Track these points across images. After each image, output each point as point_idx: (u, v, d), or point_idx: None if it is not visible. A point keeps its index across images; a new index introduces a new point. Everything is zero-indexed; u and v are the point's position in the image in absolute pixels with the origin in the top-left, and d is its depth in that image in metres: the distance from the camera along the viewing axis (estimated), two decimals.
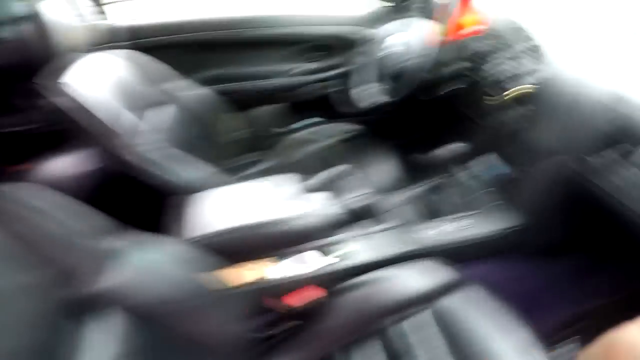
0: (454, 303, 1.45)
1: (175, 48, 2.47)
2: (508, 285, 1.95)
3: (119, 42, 2.30)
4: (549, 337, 2.17)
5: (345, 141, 2.53)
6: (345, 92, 2.76)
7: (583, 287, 2.19)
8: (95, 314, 0.96)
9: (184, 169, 1.74)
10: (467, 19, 1.99)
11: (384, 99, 2.11)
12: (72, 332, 0.90)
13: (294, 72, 2.77)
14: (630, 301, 2.17)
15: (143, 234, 1.19)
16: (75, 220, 1.02)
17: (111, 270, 1.03)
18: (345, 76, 2.79)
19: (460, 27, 2.00)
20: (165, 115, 1.93)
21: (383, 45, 2.19)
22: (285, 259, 1.61)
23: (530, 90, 1.65)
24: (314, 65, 2.81)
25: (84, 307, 0.95)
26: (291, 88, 2.75)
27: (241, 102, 2.69)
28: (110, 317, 0.97)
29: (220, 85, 2.60)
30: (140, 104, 1.81)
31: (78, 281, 0.95)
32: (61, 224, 0.98)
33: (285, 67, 2.76)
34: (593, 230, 1.95)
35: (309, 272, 1.59)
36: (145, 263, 1.10)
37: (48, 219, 0.97)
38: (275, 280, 1.56)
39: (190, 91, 2.14)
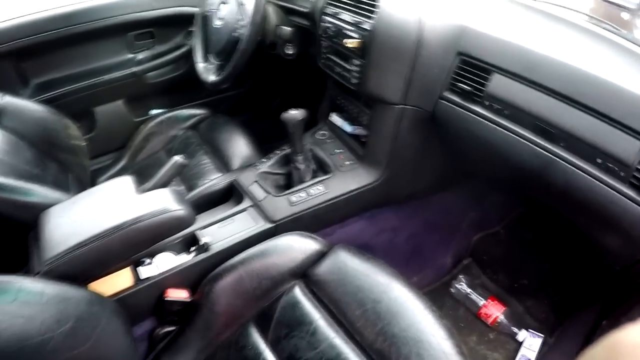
0: (325, 270, 1.42)
1: None
2: (383, 239, 1.94)
3: None
4: (441, 277, 2.20)
5: (193, 127, 2.46)
6: (187, 74, 2.69)
7: (460, 223, 2.22)
8: None
9: (34, 186, 1.63)
10: None
11: (222, 74, 2.02)
12: None
13: (134, 61, 2.65)
14: (510, 229, 2.22)
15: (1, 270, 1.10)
16: None
17: None
18: (184, 58, 2.72)
19: None
20: None
21: (214, 19, 2.12)
22: (143, 262, 1.54)
23: (365, 40, 1.63)
24: (151, 52, 2.70)
25: None
26: (130, 79, 2.62)
27: (79, 104, 2.56)
28: None
29: (53, 92, 2.46)
30: None
31: None
32: None
33: (121, 57, 2.63)
34: (458, 169, 1.97)
35: (168, 273, 1.53)
36: None
37: None
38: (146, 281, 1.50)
39: (20, 105, 1.99)
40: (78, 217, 1.46)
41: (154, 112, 2.74)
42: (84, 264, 1.36)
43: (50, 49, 2.41)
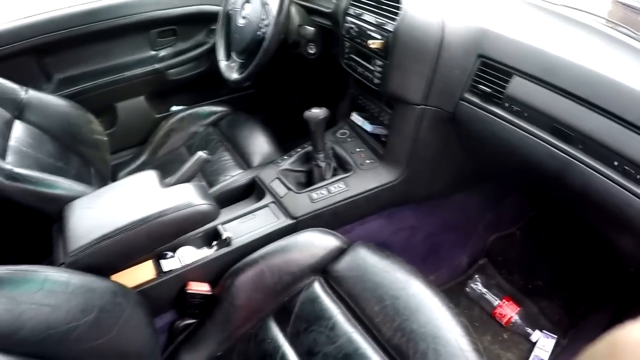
0: (344, 267, 1.44)
1: (18, 56, 2.30)
2: (401, 237, 1.96)
3: None
4: (456, 277, 2.21)
5: (214, 124, 2.48)
6: (209, 71, 2.71)
7: (477, 224, 2.23)
8: None
9: (58, 179, 1.65)
10: None
11: (245, 73, 2.04)
12: None
13: (156, 58, 2.68)
14: (526, 231, 2.23)
15: (26, 260, 1.13)
16: None
17: None
18: (206, 56, 2.75)
19: None
20: (22, 131, 1.82)
21: (238, 18, 2.14)
22: (166, 255, 1.58)
23: (388, 41, 1.64)
24: (173, 49, 2.73)
25: None
26: (152, 76, 2.65)
27: (101, 99, 2.59)
28: None
29: (75, 87, 2.49)
30: None
31: None
32: None
33: (143, 54, 2.66)
34: (476, 170, 1.98)
35: (190, 267, 1.56)
36: (22, 295, 1.02)
37: None
38: (168, 274, 1.53)
39: (44, 99, 2.02)
40: (103, 210, 1.49)
41: (175, 108, 2.77)
42: (109, 256, 1.39)
43: (74, 45, 2.44)
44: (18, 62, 2.31)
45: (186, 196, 1.47)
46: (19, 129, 1.82)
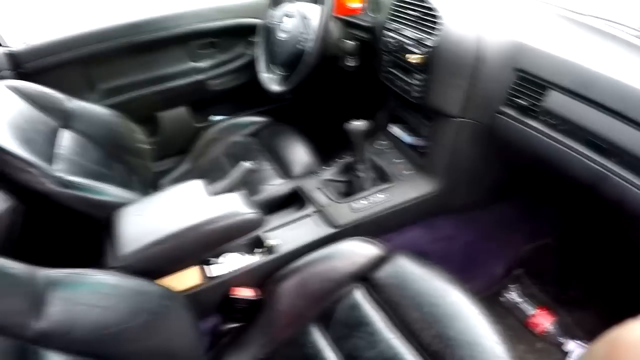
0: (385, 275, 1.47)
1: (64, 67, 2.37)
2: (438, 246, 1.98)
3: (2, 71, 2.19)
4: (492, 286, 2.22)
5: (254, 134, 2.52)
6: (249, 83, 2.76)
7: (513, 234, 2.24)
8: (35, 357, 0.95)
9: (106, 186, 1.71)
10: None
11: (285, 84, 2.09)
12: None
13: (196, 69, 2.73)
14: (561, 241, 2.23)
15: (75, 264, 1.17)
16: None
17: (45, 309, 1.01)
18: (245, 67, 2.78)
19: (341, 3, 2.01)
20: (68, 139, 1.88)
21: (278, 31, 2.19)
22: (211, 261, 1.61)
23: (428, 56, 1.67)
24: (213, 61, 2.78)
25: (24, 354, 0.93)
26: (193, 87, 2.71)
27: (144, 109, 2.65)
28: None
29: (118, 98, 2.56)
30: (41, 133, 1.76)
31: (10, 329, 0.94)
32: None
33: (184, 66, 2.71)
34: (513, 181, 2.00)
35: (236, 273, 1.60)
36: (76, 296, 1.08)
37: None
38: (214, 279, 1.57)
39: (89, 108, 2.08)
40: (153, 217, 1.54)
41: (215, 118, 2.83)
42: (159, 261, 1.45)
43: (117, 56, 2.50)
44: (64, 73, 2.37)
45: (234, 205, 1.52)
46: (65, 137, 1.87)
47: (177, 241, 1.45)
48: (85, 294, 1.10)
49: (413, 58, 1.70)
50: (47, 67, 2.32)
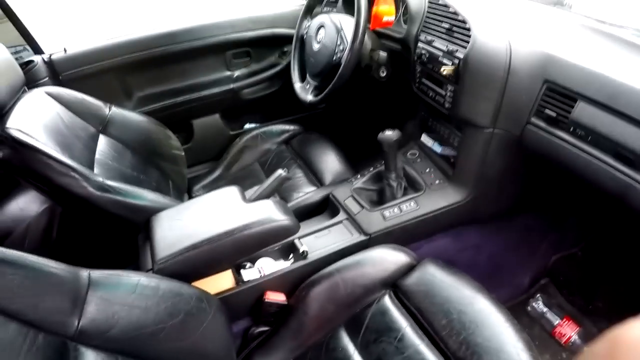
0: (414, 282, 1.49)
1: (102, 74, 2.44)
2: (466, 255, 2.00)
3: (41, 78, 2.27)
4: (518, 296, 2.23)
5: (286, 142, 2.57)
6: (281, 91, 2.81)
7: (540, 244, 2.24)
8: (75, 354, 0.99)
9: (143, 191, 1.75)
10: (383, 9, 2.02)
11: (320, 95, 2.12)
12: None
13: (230, 78, 2.79)
14: (588, 252, 2.24)
15: (109, 265, 1.21)
16: (38, 267, 1.04)
17: (86, 308, 1.06)
18: (279, 76, 2.84)
19: (378, 16, 2.04)
20: (106, 145, 1.93)
21: (313, 42, 2.22)
22: (245, 266, 1.65)
23: (458, 67, 1.69)
24: (247, 70, 2.82)
25: (64, 350, 0.97)
26: (227, 95, 2.77)
27: (179, 116, 2.71)
28: (89, 357, 1.00)
29: (154, 105, 2.63)
30: (81, 139, 1.80)
31: (53, 325, 0.98)
32: (24, 275, 0.99)
33: (219, 74, 2.77)
34: (540, 191, 2.01)
35: (268, 277, 1.63)
36: (115, 296, 1.12)
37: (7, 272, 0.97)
38: (247, 284, 1.60)
39: (126, 115, 2.13)
40: (190, 222, 1.58)
41: (248, 126, 2.88)
42: (195, 264, 1.48)
43: (153, 65, 2.56)
44: (101, 80, 2.44)
45: (269, 211, 1.55)
46: (103, 143, 1.93)
47: (213, 246, 1.48)
48: (124, 294, 1.14)
49: (445, 70, 1.72)
50: (85, 74, 2.38)
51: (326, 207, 2.04)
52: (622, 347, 0.38)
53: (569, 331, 2.07)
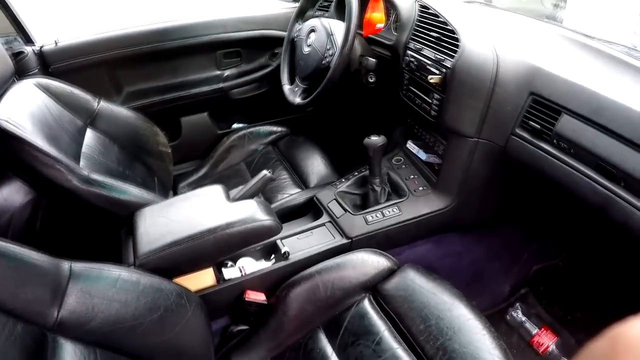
0: (393, 286, 1.51)
1: (92, 68, 2.44)
2: (447, 262, 2.02)
3: (31, 69, 2.27)
4: (498, 304, 2.25)
5: (273, 143, 2.58)
6: (270, 93, 2.82)
7: (521, 253, 2.26)
8: (54, 345, 0.99)
9: (128, 186, 1.76)
10: (375, 16, 2.04)
11: (308, 98, 2.13)
12: None
13: (220, 77, 2.79)
14: (568, 263, 2.25)
15: (91, 258, 1.21)
16: (20, 257, 1.04)
17: (66, 299, 1.06)
18: (268, 78, 2.85)
19: (370, 23, 2.05)
20: (93, 138, 1.93)
21: (304, 45, 2.23)
22: (226, 264, 1.66)
23: (446, 76, 1.70)
24: (237, 70, 2.83)
25: (43, 340, 0.98)
26: (216, 94, 2.77)
27: (167, 113, 2.71)
28: (67, 348, 1.01)
29: (143, 101, 2.63)
30: (68, 132, 1.80)
31: (32, 315, 0.98)
32: (5, 264, 0.99)
33: (209, 73, 2.77)
34: (522, 201, 2.02)
35: (249, 277, 1.64)
36: (96, 289, 1.13)
37: None
38: (227, 282, 1.62)
39: (114, 110, 2.13)
40: (173, 218, 1.58)
41: (236, 126, 2.88)
42: (176, 261, 1.48)
43: (144, 60, 2.57)
44: (92, 74, 2.44)
45: (252, 211, 1.56)
46: (90, 137, 1.92)
47: (195, 243, 1.48)
48: (105, 287, 1.15)
49: (432, 78, 1.73)
50: (75, 67, 2.38)
51: (310, 210, 2.05)
52: (622, 345, 0.37)
53: (546, 341, 2.09)
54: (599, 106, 1.35)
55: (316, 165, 2.31)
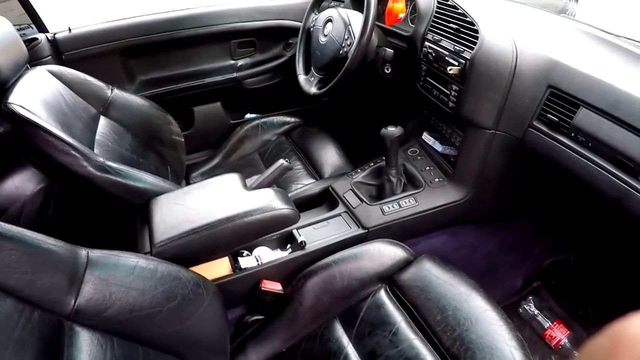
0: (410, 277, 1.50)
1: (105, 56, 2.45)
2: (461, 254, 2.01)
3: (44, 56, 2.27)
4: (510, 297, 2.24)
5: (286, 133, 2.58)
6: (284, 83, 2.82)
7: (534, 247, 2.25)
8: (70, 333, 0.99)
9: (143, 174, 1.76)
10: (397, 6, 2.03)
11: (324, 88, 2.12)
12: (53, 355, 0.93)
13: (234, 67, 2.79)
14: (580, 257, 2.25)
15: (105, 246, 1.21)
16: (37, 244, 1.04)
17: (83, 287, 1.06)
18: (282, 68, 2.84)
19: (392, 13, 2.04)
20: (106, 126, 1.93)
21: (320, 35, 2.22)
22: (242, 254, 1.66)
23: (465, 67, 1.70)
24: (251, 59, 2.83)
25: (60, 328, 0.98)
26: (230, 84, 2.77)
27: (180, 102, 2.71)
28: (84, 336, 1.01)
29: (156, 89, 2.63)
30: (82, 119, 1.80)
31: (49, 303, 0.98)
32: (23, 251, 0.99)
33: (222, 63, 2.77)
34: (537, 194, 2.02)
35: (266, 266, 1.64)
36: (113, 277, 1.13)
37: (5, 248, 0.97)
38: (243, 271, 1.61)
39: (128, 98, 2.13)
40: (190, 206, 1.59)
41: (249, 116, 2.89)
42: (194, 249, 1.49)
43: (158, 49, 2.57)
44: (105, 62, 2.45)
45: (270, 199, 1.56)
46: (103, 124, 1.93)
47: (212, 231, 1.49)
48: (122, 275, 1.15)
49: (451, 69, 1.72)
50: (88, 55, 2.38)
51: (325, 200, 2.05)
52: (624, 342, 0.36)
53: (559, 334, 2.09)
54: (615, 100, 1.34)
55: (330, 156, 2.30)
